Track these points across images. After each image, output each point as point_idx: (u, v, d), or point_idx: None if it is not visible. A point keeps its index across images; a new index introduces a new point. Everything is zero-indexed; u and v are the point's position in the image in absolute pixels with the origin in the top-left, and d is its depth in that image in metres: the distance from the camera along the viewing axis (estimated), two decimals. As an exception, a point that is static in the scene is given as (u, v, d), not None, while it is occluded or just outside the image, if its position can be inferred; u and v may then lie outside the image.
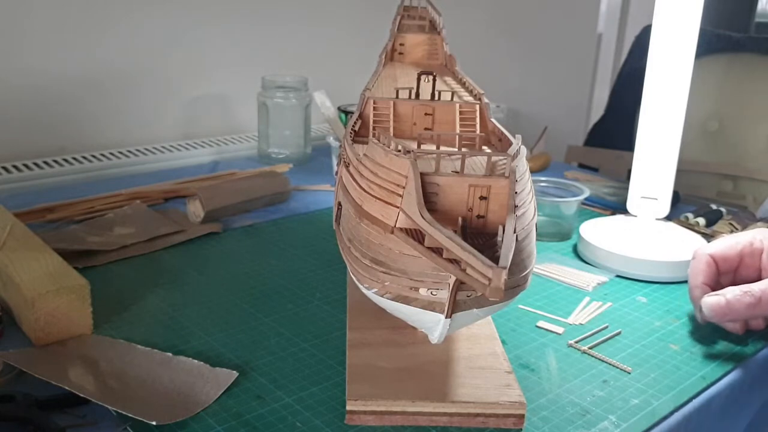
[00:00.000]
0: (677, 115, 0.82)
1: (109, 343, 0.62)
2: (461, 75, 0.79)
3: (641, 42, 1.39)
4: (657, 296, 0.76)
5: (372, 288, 0.49)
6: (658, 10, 0.80)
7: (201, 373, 0.58)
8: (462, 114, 0.65)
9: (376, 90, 0.71)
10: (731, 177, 1.30)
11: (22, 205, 0.91)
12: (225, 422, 0.53)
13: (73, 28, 1.15)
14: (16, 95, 1.12)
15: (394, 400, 0.53)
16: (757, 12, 2.20)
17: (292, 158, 1.22)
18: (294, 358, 0.62)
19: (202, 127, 1.34)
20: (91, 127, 1.21)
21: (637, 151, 0.85)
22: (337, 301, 0.72)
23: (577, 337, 0.66)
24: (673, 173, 0.84)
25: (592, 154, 1.44)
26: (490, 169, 0.48)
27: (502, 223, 0.44)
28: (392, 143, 0.51)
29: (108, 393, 0.54)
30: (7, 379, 0.56)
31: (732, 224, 0.96)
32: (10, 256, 0.67)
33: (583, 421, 0.55)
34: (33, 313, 0.60)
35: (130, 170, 1.16)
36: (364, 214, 0.50)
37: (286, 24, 1.41)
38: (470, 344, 0.60)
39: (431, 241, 0.42)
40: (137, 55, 1.23)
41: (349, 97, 1.15)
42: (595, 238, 0.84)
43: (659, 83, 0.82)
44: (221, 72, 1.34)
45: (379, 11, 1.09)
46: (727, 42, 1.32)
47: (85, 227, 0.87)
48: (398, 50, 0.88)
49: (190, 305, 0.71)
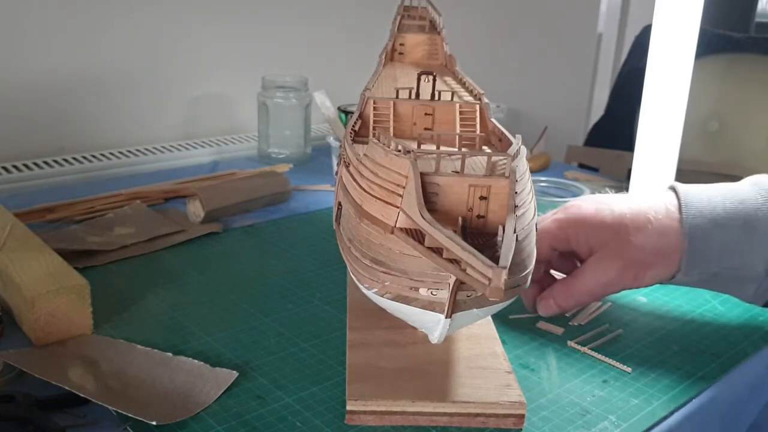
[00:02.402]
0: (677, 115, 0.82)
1: (109, 343, 0.62)
2: (461, 75, 0.79)
3: (641, 42, 1.39)
4: (657, 296, 0.76)
5: (372, 288, 0.49)
6: (658, 10, 0.80)
7: (201, 373, 0.58)
8: (462, 114, 0.65)
9: (376, 90, 0.71)
10: (731, 177, 1.30)
11: (22, 205, 0.91)
12: (225, 422, 0.53)
13: (73, 27, 1.15)
14: (16, 95, 1.12)
15: (394, 400, 0.53)
16: (757, 12, 2.20)
17: (292, 158, 1.22)
18: (294, 358, 0.62)
19: (202, 127, 1.34)
20: (91, 127, 1.21)
21: (637, 151, 0.85)
22: (337, 301, 0.72)
23: (577, 337, 0.66)
24: (673, 173, 0.84)
25: (592, 154, 1.43)
26: (490, 169, 0.48)
27: (502, 223, 0.44)
28: (392, 143, 0.51)
29: (108, 393, 0.54)
30: (7, 379, 0.56)
31: (732, 224, 0.95)
32: (10, 256, 0.67)
33: (583, 421, 0.55)
34: (33, 313, 0.60)
35: (130, 170, 1.16)
36: (364, 214, 0.50)
37: (286, 24, 1.41)
38: (470, 344, 0.60)
39: (431, 241, 0.42)
40: (137, 55, 1.23)
41: (349, 97, 1.15)
42: (595, 238, 0.84)
43: (659, 83, 0.82)
44: (221, 72, 1.34)
45: (379, 11, 1.09)
46: (727, 42, 1.32)
47: (85, 227, 0.87)
48: (398, 50, 0.88)
49: (190, 305, 0.71)
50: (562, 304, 0.66)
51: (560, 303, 0.66)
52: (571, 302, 0.66)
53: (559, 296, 0.66)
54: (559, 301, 0.66)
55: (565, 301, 0.66)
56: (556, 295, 0.66)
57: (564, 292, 0.66)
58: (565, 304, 0.66)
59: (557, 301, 0.66)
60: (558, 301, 0.66)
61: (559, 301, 0.66)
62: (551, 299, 0.66)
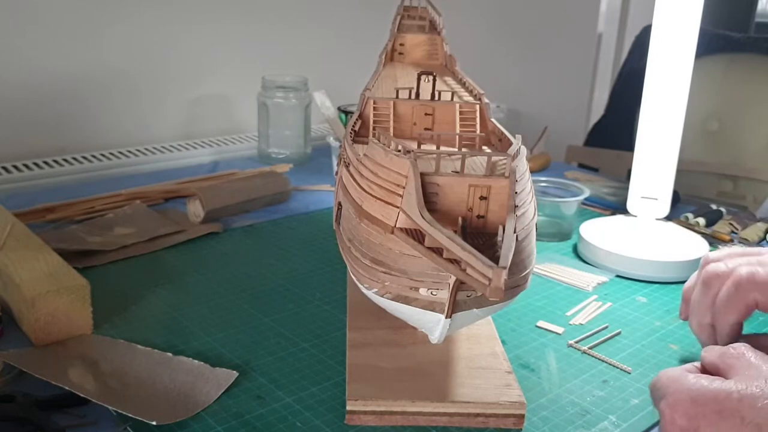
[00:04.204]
0: (677, 115, 0.82)
1: (109, 343, 0.62)
2: (461, 75, 0.79)
3: (641, 42, 1.39)
4: (657, 296, 0.76)
5: (372, 288, 0.49)
6: (658, 10, 0.80)
7: (201, 373, 0.58)
8: (462, 114, 0.65)
9: (376, 90, 0.71)
10: (731, 177, 1.30)
11: (22, 205, 0.91)
12: (225, 422, 0.53)
13: (73, 28, 1.15)
14: (17, 95, 1.12)
15: (394, 400, 0.53)
16: (757, 12, 2.20)
17: (292, 158, 1.22)
18: (294, 358, 0.62)
19: (202, 127, 1.34)
20: (91, 127, 1.21)
21: (637, 151, 0.85)
22: (337, 301, 0.72)
23: (577, 337, 0.66)
24: (673, 173, 0.84)
25: (592, 154, 1.43)
26: (490, 169, 0.48)
27: (502, 223, 0.45)
28: (392, 143, 0.51)
29: (108, 393, 0.54)
30: (7, 379, 0.56)
31: (732, 224, 0.96)
32: (10, 256, 0.67)
33: (583, 421, 0.55)
34: (33, 313, 0.60)
35: (130, 170, 1.16)
36: (364, 214, 0.50)
37: (286, 24, 1.41)
38: (470, 344, 0.60)
39: (431, 241, 0.42)
40: (138, 55, 1.23)
41: (349, 97, 1.15)
42: (595, 238, 0.84)
43: (659, 83, 0.82)
44: (221, 72, 1.34)
45: (379, 11, 1.09)
46: (727, 42, 1.32)
47: (85, 227, 0.87)
48: (398, 50, 0.88)
49: (190, 305, 0.71)
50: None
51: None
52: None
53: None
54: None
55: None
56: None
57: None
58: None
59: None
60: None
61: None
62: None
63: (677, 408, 0.45)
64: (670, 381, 0.48)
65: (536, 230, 0.53)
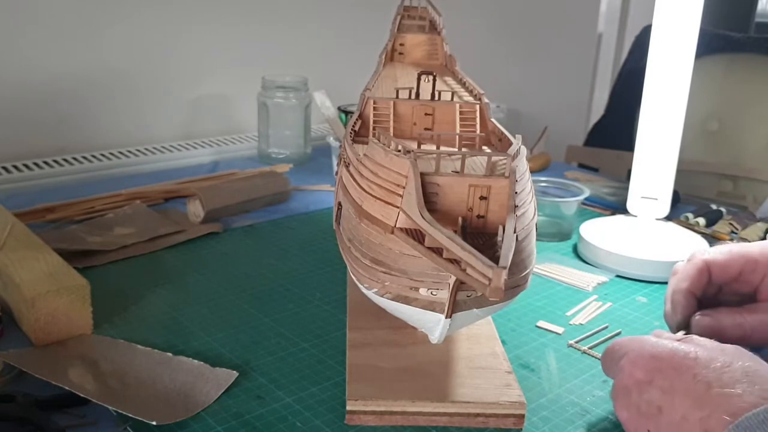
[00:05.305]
0: (677, 115, 0.82)
1: (109, 343, 0.62)
2: (461, 75, 0.79)
3: (641, 42, 1.39)
4: (657, 296, 0.76)
5: (372, 288, 0.49)
6: (658, 10, 0.80)
7: (201, 373, 0.58)
8: (462, 114, 0.65)
9: (376, 90, 0.71)
10: (731, 177, 1.30)
11: (22, 205, 0.91)
12: (225, 422, 0.53)
13: (73, 28, 1.15)
14: (17, 95, 1.12)
15: (394, 400, 0.53)
16: (757, 12, 2.21)
17: (292, 158, 1.22)
18: (294, 358, 0.62)
19: (202, 127, 1.34)
20: (91, 127, 1.21)
21: (637, 151, 0.85)
22: (337, 301, 0.72)
23: (577, 337, 0.66)
24: (673, 173, 0.84)
25: (592, 154, 1.43)
26: (490, 169, 0.48)
27: (502, 223, 0.45)
28: (392, 143, 0.51)
29: (108, 393, 0.54)
30: (7, 379, 0.56)
31: (732, 224, 0.96)
32: (10, 256, 0.67)
33: (583, 421, 0.55)
34: (33, 313, 0.60)
35: (130, 170, 1.16)
36: (364, 214, 0.50)
37: (286, 24, 1.41)
38: (470, 344, 0.60)
39: (431, 241, 0.42)
40: (137, 55, 1.23)
41: (349, 97, 1.15)
42: (595, 238, 0.84)
43: (659, 83, 0.82)
44: (221, 72, 1.34)
45: (379, 11, 1.09)
46: (727, 42, 1.32)
47: (85, 227, 0.87)
48: (398, 50, 0.88)
49: (190, 305, 0.71)
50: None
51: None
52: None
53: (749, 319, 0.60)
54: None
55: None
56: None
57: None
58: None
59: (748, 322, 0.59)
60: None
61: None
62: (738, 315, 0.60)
63: (637, 362, 0.49)
64: (632, 341, 0.52)
65: (536, 230, 0.53)
